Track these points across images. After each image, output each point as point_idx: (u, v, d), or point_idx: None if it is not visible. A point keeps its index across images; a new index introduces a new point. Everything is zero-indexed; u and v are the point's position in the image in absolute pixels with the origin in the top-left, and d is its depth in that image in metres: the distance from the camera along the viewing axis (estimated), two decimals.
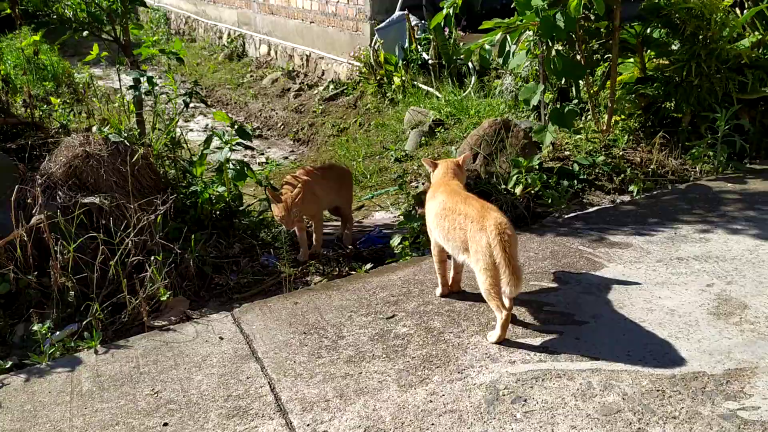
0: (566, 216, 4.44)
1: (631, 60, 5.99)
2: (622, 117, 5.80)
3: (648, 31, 5.60)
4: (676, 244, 3.82)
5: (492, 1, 10.06)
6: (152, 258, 3.75)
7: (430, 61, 8.47)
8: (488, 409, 2.64)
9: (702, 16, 5.19)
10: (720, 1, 5.27)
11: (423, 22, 9.08)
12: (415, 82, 8.53)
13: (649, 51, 5.77)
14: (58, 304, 3.67)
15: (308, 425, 2.65)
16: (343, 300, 3.58)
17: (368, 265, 3.95)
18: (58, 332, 3.50)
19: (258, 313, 3.52)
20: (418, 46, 8.75)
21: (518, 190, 4.85)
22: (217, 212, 4.45)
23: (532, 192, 4.85)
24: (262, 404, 2.79)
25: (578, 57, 5.27)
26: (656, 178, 5.10)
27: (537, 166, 4.96)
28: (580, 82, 6.23)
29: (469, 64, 8.23)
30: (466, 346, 3.06)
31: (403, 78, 8.65)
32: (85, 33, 5.10)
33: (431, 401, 2.72)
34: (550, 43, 5.04)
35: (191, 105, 5.68)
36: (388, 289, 3.64)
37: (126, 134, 4.28)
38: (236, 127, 4.28)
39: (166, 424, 2.72)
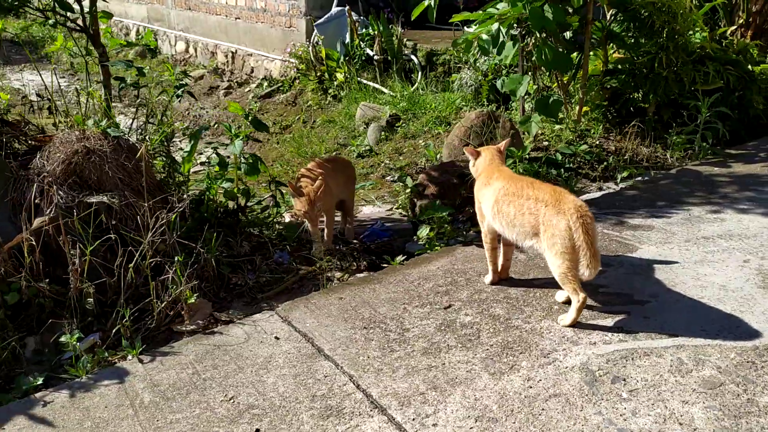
0: None
1: (592, 53, 6.20)
2: (591, 107, 5.99)
3: (611, 25, 5.82)
4: (695, 225, 3.98)
5: None
6: (175, 259, 3.51)
7: (375, 57, 8.43)
8: (591, 390, 2.63)
9: (669, 10, 5.44)
10: None
11: (362, 17, 9.03)
12: (360, 79, 8.47)
13: (611, 44, 5.99)
14: (75, 313, 3.35)
15: (413, 419, 2.55)
16: (390, 293, 3.47)
17: (401, 257, 3.87)
18: (78, 343, 3.20)
19: (305, 311, 3.35)
20: (361, 42, 8.68)
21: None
22: (222, 210, 4.22)
23: None
24: (354, 402, 2.66)
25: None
26: (635, 165, 5.30)
27: (527, 156, 5.05)
28: (538, 74, 6.42)
29: (414, 59, 8.27)
30: (540, 331, 3.04)
31: (347, 74, 8.56)
32: (50, 21, 4.70)
33: (530, 387, 2.68)
34: (538, 35, 5.13)
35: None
36: (432, 280, 3.57)
37: (127, 129, 3.98)
38: (250, 118, 4.07)
39: (258, 430, 2.54)
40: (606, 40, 5.87)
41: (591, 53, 6.16)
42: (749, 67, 5.83)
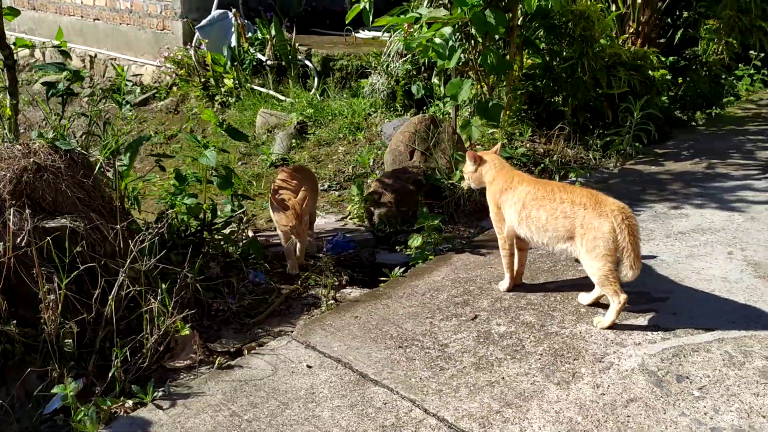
0: None
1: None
2: (512, 111, 6.09)
3: (527, 32, 5.97)
4: (666, 221, 4.14)
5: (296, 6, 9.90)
6: (161, 287, 3.08)
7: (268, 63, 8.07)
8: (663, 392, 2.61)
9: (588, 18, 5.67)
10: (597, 6, 5.83)
11: (246, 21, 8.63)
12: (253, 85, 8.08)
13: (527, 50, 6.14)
14: (53, 357, 2.83)
15: None
16: (406, 308, 3.28)
17: (399, 269, 3.66)
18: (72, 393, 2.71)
19: (324, 334, 3.07)
20: (250, 47, 8.29)
21: (465, 183, 4.86)
22: (184, 229, 3.79)
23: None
24: (431, 429, 2.45)
25: None
26: (565, 167, 5.45)
27: None
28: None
29: (309, 65, 8.03)
30: (582, 336, 2.99)
31: (237, 80, 8.14)
32: None
33: (603, 394, 2.62)
34: (479, 39, 5.14)
35: None
36: (444, 291, 3.41)
37: (79, 141, 3.47)
38: (225, 126, 3.67)
39: None
40: (523, 47, 6.00)
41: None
42: (650, 72, 6.21)
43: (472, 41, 5.22)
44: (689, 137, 5.76)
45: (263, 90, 7.99)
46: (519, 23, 5.88)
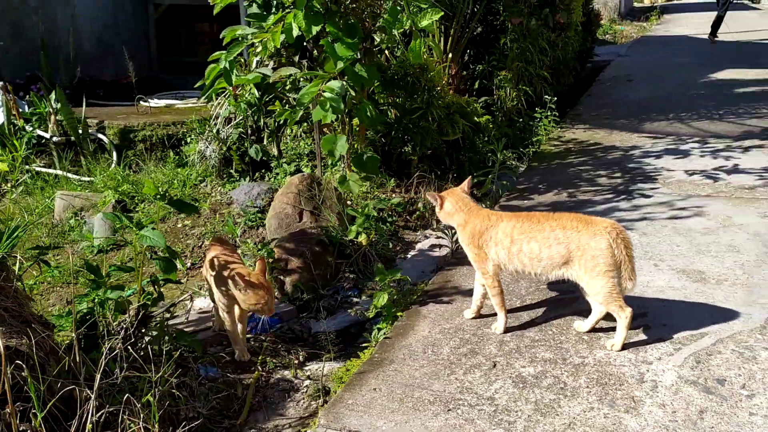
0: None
1: None
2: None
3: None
4: None
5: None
6: (141, 401, 2.48)
7: (54, 139, 7.10)
8: (719, 397, 2.69)
9: (429, 70, 5.90)
10: (432, 60, 6.10)
11: (10, 95, 7.52)
12: (37, 167, 7.03)
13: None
14: None
15: None
16: (419, 369, 2.99)
17: (379, 333, 3.35)
18: None
19: (357, 415, 2.68)
20: (26, 123, 7.23)
21: (363, 239, 4.69)
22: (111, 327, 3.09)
23: (373, 239, 4.75)
24: None
25: None
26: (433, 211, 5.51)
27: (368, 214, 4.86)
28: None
29: (104, 138, 7.24)
30: (607, 361, 2.98)
31: (12, 162, 7.03)
32: None
33: (674, 412, 2.62)
34: (353, 93, 5.03)
35: None
36: (442, 345, 3.18)
37: None
38: (169, 198, 3.06)
39: None
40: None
41: None
42: (476, 118, 6.62)
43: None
44: (532, 173, 6.16)
45: (51, 171, 6.98)
46: None
